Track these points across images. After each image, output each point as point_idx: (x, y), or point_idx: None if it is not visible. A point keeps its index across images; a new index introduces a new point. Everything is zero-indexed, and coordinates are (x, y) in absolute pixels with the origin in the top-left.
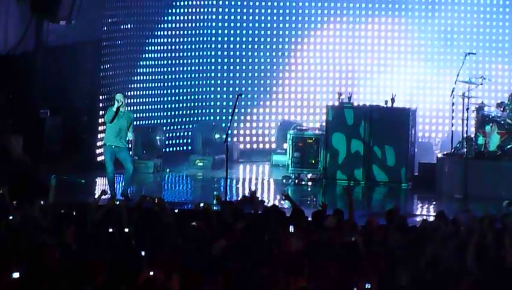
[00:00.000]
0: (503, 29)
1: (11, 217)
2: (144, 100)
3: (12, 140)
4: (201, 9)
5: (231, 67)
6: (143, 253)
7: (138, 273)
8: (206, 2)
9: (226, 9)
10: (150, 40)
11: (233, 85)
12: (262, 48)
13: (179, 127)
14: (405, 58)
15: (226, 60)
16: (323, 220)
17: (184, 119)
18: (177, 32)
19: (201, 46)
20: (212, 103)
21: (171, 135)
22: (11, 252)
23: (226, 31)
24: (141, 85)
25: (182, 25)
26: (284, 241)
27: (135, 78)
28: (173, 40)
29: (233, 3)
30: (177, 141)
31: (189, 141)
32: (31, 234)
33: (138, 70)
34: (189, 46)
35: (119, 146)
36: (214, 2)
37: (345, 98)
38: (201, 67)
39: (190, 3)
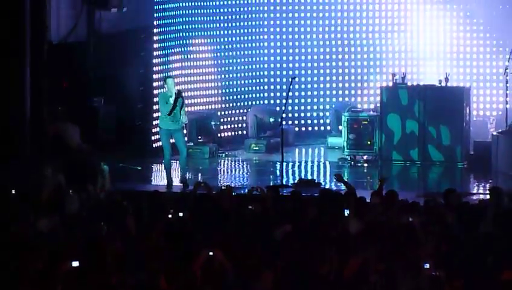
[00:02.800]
0: None
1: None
2: (198, 85)
3: (70, 129)
4: None
5: (284, 51)
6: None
7: (196, 256)
8: None
9: None
10: (202, 25)
11: (286, 68)
12: (315, 30)
13: (233, 111)
14: (457, 36)
15: (279, 44)
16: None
17: (238, 104)
18: (231, 17)
19: (254, 30)
20: (266, 87)
21: (225, 119)
22: (69, 242)
23: (278, 15)
24: (195, 70)
25: (235, 9)
26: (343, 223)
27: (188, 63)
28: (226, 24)
29: None
30: (232, 126)
31: (244, 125)
32: (88, 223)
33: (191, 56)
34: (242, 30)
35: (175, 128)
36: None
37: (399, 79)
38: (255, 51)
39: None
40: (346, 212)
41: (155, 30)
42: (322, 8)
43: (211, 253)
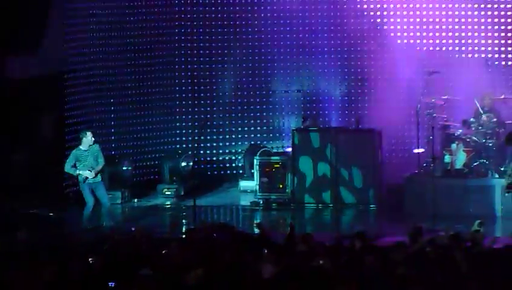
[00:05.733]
0: (466, 46)
1: None
2: (110, 130)
3: None
4: (164, 38)
5: (196, 95)
6: (112, 284)
7: None
8: (170, 31)
9: (188, 37)
10: (115, 70)
11: (198, 112)
12: (226, 74)
13: (146, 156)
14: (368, 78)
15: (190, 87)
16: (295, 245)
17: (151, 149)
18: (142, 62)
19: (165, 74)
20: (178, 131)
21: (138, 164)
22: None
23: (189, 58)
24: (107, 115)
25: (145, 54)
26: (257, 268)
27: (101, 108)
28: (139, 69)
29: (194, 30)
30: (145, 171)
31: (157, 170)
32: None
33: (104, 101)
34: (154, 75)
35: (96, 181)
36: (178, 30)
37: (310, 121)
38: (166, 96)
39: (154, 32)
40: (264, 254)
41: (68, 75)
42: (233, 52)
43: None
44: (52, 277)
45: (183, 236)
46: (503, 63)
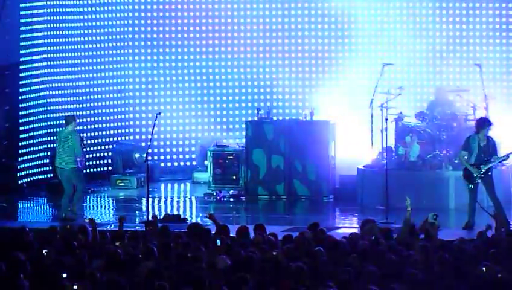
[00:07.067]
0: (420, 38)
1: None
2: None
3: None
4: (118, 29)
5: (150, 86)
6: (64, 275)
7: None
8: (122, 22)
9: (143, 28)
10: (68, 61)
11: (152, 104)
12: (180, 65)
13: (99, 147)
14: (323, 71)
15: (144, 79)
16: (248, 237)
17: (104, 140)
18: (95, 53)
19: (119, 65)
20: (131, 122)
21: (91, 155)
22: None
23: (143, 50)
24: (61, 107)
25: (99, 45)
26: (210, 259)
27: (55, 99)
28: (92, 60)
29: (148, 21)
30: (98, 162)
31: (110, 161)
32: None
33: (58, 92)
34: (108, 66)
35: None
36: (130, 22)
37: (264, 113)
38: (119, 87)
39: (108, 23)
40: (218, 243)
41: (21, 67)
42: (187, 44)
43: (75, 287)
44: None
45: (137, 228)
46: (458, 54)
